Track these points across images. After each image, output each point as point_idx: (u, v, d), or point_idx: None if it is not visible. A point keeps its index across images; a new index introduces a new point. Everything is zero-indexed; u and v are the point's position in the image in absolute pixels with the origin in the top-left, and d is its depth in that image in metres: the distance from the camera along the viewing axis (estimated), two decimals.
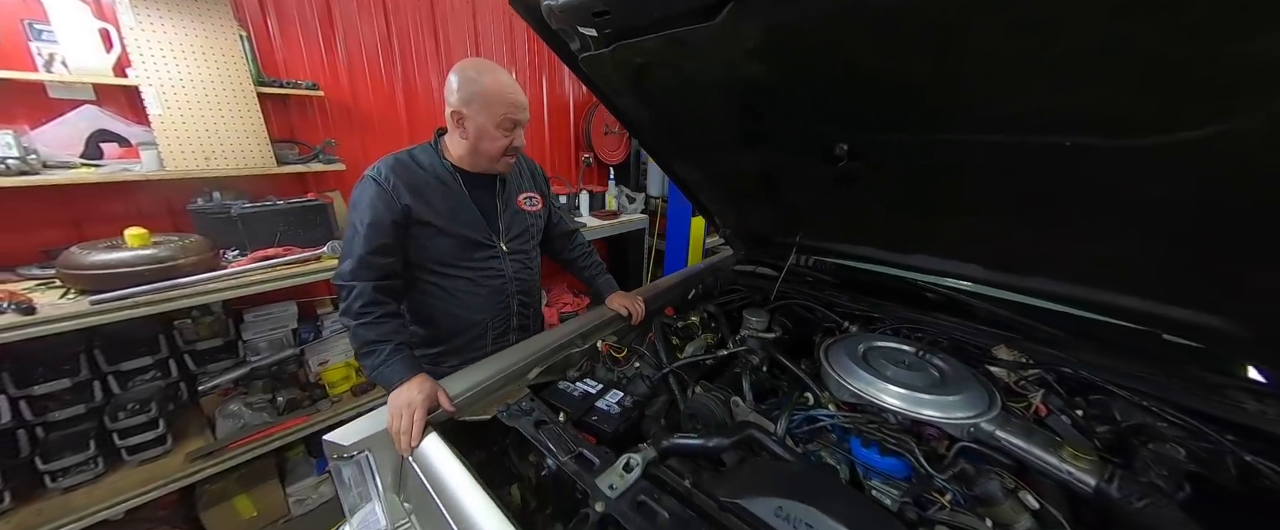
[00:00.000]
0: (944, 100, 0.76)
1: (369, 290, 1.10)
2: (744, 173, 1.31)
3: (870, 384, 1.06)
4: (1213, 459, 0.92)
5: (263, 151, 1.89)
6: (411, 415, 0.96)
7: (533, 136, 3.13)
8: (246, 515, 1.80)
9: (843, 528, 0.70)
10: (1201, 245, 0.84)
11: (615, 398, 1.15)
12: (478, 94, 1.13)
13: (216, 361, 1.82)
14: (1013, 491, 0.83)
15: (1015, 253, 1.17)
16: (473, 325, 1.34)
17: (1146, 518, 0.77)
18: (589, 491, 0.83)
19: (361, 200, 1.14)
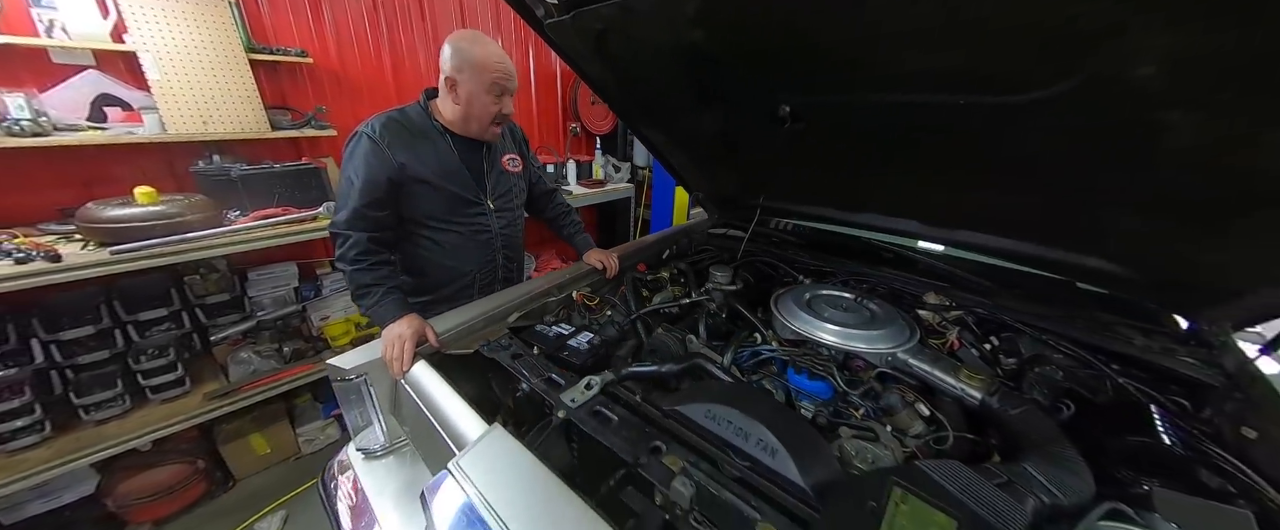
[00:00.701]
0: (858, 62, 0.87)
1: (363, 240, 1.22)
2: (704, 135, 1.42)
3: (809, 324, 1.21)
4: (1094, 381, 1.07)
5: (257, 116, 1.97)
6: (402, 346, 1.10)
7: (521, 107, 3.19)
8: (261, 452, 1.99)
9: (757, 421, 0.85)
10: (1081, 195, 0.96)
11: (586, 338, 1.29)
12: (469, 62, 1.22)
13: (225, 315, 1.96)
14: (910, 403, 0.98)
15: (941, 207, 1.29)
16: (461, 276, 1.47)
17: (1018, 421, 0.92)
18: (553, 404, 0.98)
19: (356, 155, 1.24)
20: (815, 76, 0.98)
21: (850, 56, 0.87)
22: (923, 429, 0.96)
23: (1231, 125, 0.64)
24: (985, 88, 0.79)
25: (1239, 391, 0.96)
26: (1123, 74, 0.64)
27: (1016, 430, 0.91)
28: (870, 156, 1.23)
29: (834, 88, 0.98)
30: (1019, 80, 0.75)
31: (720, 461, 0.81)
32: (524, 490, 0.70)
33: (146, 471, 1.70)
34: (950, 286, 1.39)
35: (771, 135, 1.28)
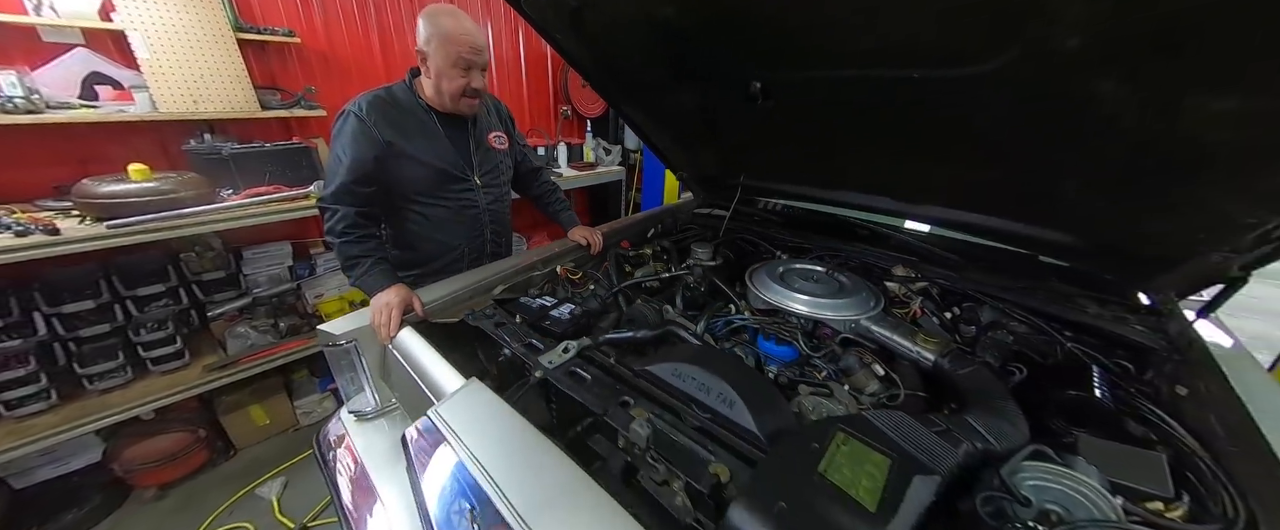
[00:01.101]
0: (817, 38, 0.90)
1: (351, 214, 1.27)
2: (683, 113, 1.45)
3: (781, 295, 1.27)
4: (1046, 346, 1.14)
5: (247, 96, 1.99)
6: (389, 312, 1.15)
7: (512, 89, 3.20)
8: (260, 423, 2.07)
9: (718, 377, 0.91)
10: (1033, 169, 1.01)
11: (568, 309, 1.34)
12: (436, 35, 1.24)
13: (222, 292, 2.02)
14: (867, 365, 1.05)
15: (910, 183, 1.34)
16: (450, 250, 1.52)
17: (965, 380, 0.98)
18: (531, 366, 1.04)
19: (344, 133, 1.28)
20: (780, 52, 1.01)
21: (809, 32, 0.90)
22: (878, 387, 1.02)
23: (1152, 94, 0.69)
24: (934, 61, 0.83)
25: (1178, 354, 1.02)
26: (1052, 45, 0.68)
27: (964, 387, 0.97)
28: (840, 133, 1.27)
29: (798, 63, 1.02)
30: (962, 53, 0.79)
31: (683, 413, 0.87)
32: (497, 434, 0.76)
33: (150, 439, 1.78)
34: (920, 261, 1.45)
35: (746, 112, 1.32)
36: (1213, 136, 0.69)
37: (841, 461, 0.71)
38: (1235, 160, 0.71)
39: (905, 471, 0.69)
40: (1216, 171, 0.75)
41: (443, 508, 0.68)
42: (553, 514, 0.60)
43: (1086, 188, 0.96)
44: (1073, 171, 0.93)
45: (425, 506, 0.69)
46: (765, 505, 0.62)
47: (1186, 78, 0.64)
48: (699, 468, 0.72)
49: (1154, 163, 0.80)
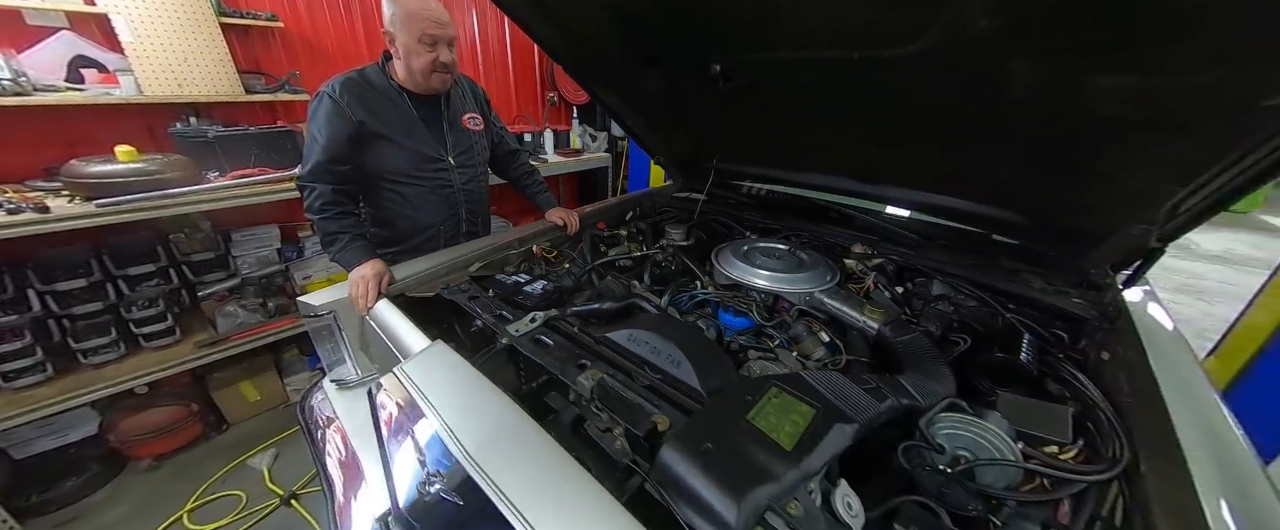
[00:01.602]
0: (761, 19, 0.95)
1: (328, 192, 1.32)
2: (653, 96, 1.50)
3: (743, 271, 1.33)
4: (989, 317, 1.20)
5: (231, 80, 2.03)
6: (366, 285, 1.21)
7: (498, 76, 3.22)
8: (251, 399, 2.14)
9: (669, 341, 0.97)
10: (971, 147, 1.06)
11: (540, 285, 1.39)
12: (400, 14, 1.28)
13: (212, 273, 2.07)
14: (814, 333, 1.11)
15: (867, 163, 1.39)
16: (426, 228, 1.57)
17: (904, 346, 1.05)
18: (497, 333, 1.11)
19: (319, 114, 1.32)
20: (733, 35, 1.06)
21: (755, 14, 0.95)
22: (824, 353, 1.09)
23: (1056, 73, 0.74)
24: (869, 42, 0.88)
25: (1108, 323, 1.09)
26: (966, 27, 0.73)
27: (902, 353, 1.04)
28: (798, 114, 1.32)
29: (749, 45, 1.07)
30: (892, 34, 0.84)
31: (635, 373, 0.94)
32: (457, 389, 0.82)
33: (144, 412, 1.84)
34: (881, 240, 1.51)
35: (710, 95, 1.36)
36: (1113, 112, 0.75)
37: (770, 411, 0.77)
38: (1134, 135, 0.76)
39: (828, 420, 0.75)
40: (1120, 146, 0.80)
41: (403, 453, 0.75)
42: (499, 453, 0.66)
43: (1017, 165, 1.02)
44: (1001, 149, 0.99)
45: (386, 452, 0.76)
46: (693, 446, 0.69)
47: (1083, 57, 0.70)
48: (640, 417, 0.79)
49: (1067, 139, 0.86)
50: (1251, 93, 0.60)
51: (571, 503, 0.59)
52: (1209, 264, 4.83)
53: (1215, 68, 0.60)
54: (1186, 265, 4.83)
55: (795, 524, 0.62)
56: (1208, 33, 0.57)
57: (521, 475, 0.62)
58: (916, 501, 0.70)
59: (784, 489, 0.65)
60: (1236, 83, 0.60)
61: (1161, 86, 0.67)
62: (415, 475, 0.67)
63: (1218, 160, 0.73)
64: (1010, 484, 0.77)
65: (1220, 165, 0.74)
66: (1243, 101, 0.62)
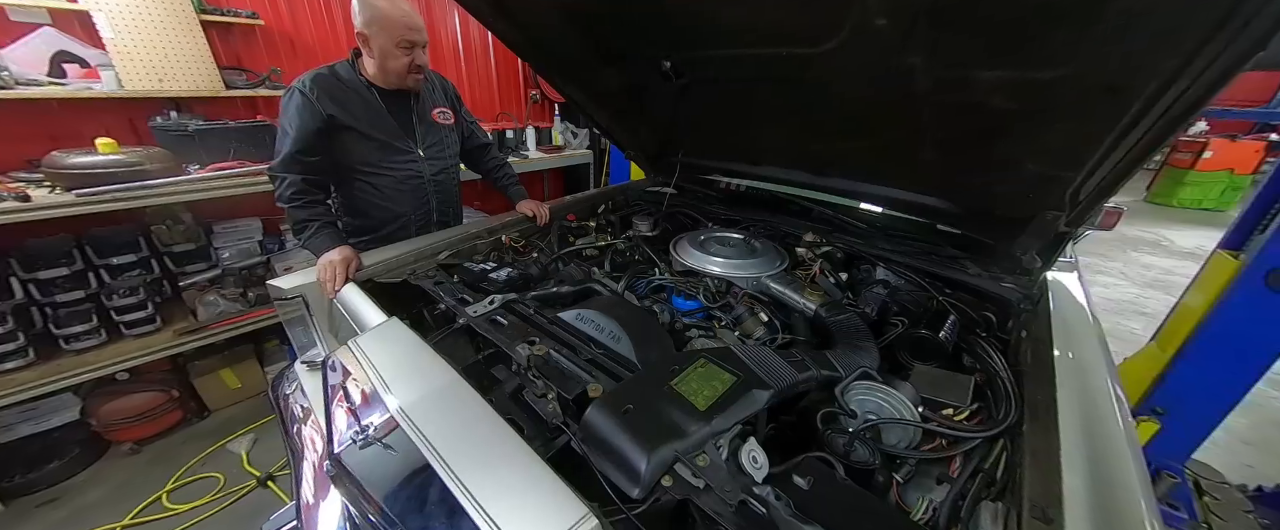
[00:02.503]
0: (696, 18, 1.02)
1: (298, 181, 1.38)
2: (614, 92, 1.56)
3: (698, 258, 1.40)
4: (925, 299, 1.28)
5: (211, 76, 2.07)
6: (334, 269, 1.26)
7: (480, 74, 3.28)
8: (232, 386, 2.19)
9: (612, 319, 1.04)
10: (898, 140, 1.13)
11: (506, 271, 1.46)
12: (377, 18, 1.34)
13: (193, 264, 2.12)
14: (754, 313, 1.18)
15: (818, 156, 1.47)
16: (396, 217, 1.63)
17: (838, 325, 1.12)
18: (457, 313, 1.17)
19: (290, 107, 1.38)
20: (675, 33, 1.12)
21: (690, 13, 1.02)
22: (763, 332, 1.16)
23: (948, 68, 0.81)
24: (793, 41, 0.95)
25: (1030, 304, 1.17)
26: (869, 25, 0.81)
27: (835, 331, 1.11)
28: (747, 109, 1.39)
29: (692, 43, 1.13)
30: (812, 33, 0.91)
31: (579, 348, 1.00)
32: (404, 358, 0.88)
33: (125, 397, 1.89)
34: (834, 230, 1.58)
35: (666, 91, 1.43)
36: (1001, 104, 0.82)
37: (693, 379, 0.84)
38: (1023, 124, 0.84)
39: (746, 386, 0.82)
40: (1015, 135, 0.88)
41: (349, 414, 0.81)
42: (432, 411, 0.73)
43: (937, 156, 1.09)
44: (921, 141, 1.06)
45: (330, 410, 0.82)
46: (616, 407, 0.76)
47: (966, 53, 0.77)
48: (572, 384, 0.86)
49: (972, 130, 0.93)
50: (1102, 81, 0.67)
51: (493, 454, 0.66)
52: (1181, 260, 4.94)
53: (1068, 61, 0.67)
54: (1161, 262, 4.95)
55: (700, 473, 0.68)
56: (1056, 30, 0.64)
57: (450, 430, 0.68)
58: (817, 456, 0.76)
59: (693, 444, 0.72)
60: (1088, 74, 0.67)
61: (1033, 79, 0.74)
62: (353, 429, 0.73)
63: (1095, 146, 0.80)
64: (911, 443, 0.84)
65: (1100, 151, 0.81)
66: (1097, 89, 0.69)
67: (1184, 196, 6.89)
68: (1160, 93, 0.65)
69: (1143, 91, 0.66)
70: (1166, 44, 0.58)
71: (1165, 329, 1.85)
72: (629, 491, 0.67)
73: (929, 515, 0.73)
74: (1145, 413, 1.76)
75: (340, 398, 0.85)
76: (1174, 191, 6.92)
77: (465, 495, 0.57)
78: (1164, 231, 5.87)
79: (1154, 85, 0.64)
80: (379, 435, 0.69)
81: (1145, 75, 0.63)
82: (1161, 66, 0.62)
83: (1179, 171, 6.83)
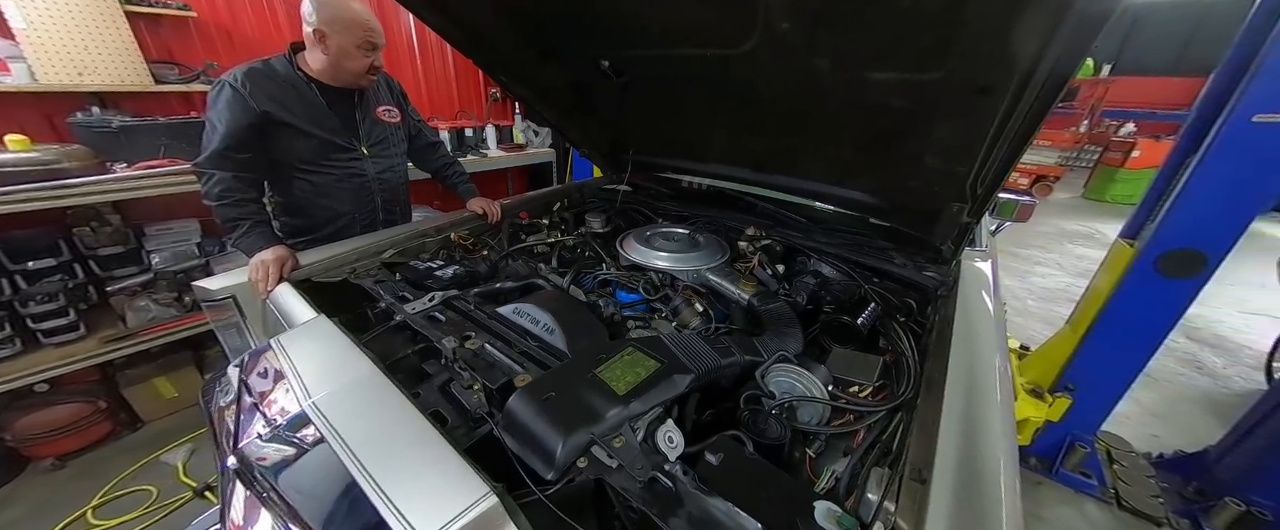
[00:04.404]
0: (627, 19, 1.05)
1: (228, 178, 1.33)
2: (558, 89, 1.58)
3: (643, 254, 1.44)
4: (854, 288, 1.35)
5: (138, 70, 1.97)
6: (266, 269, 1.23)
7: (438, 71, 3.22)
8: (168, 396, 2.08)
9: (546, 312, 1.06)
10: (821, 137, 1.20)
11: (451, 269, 1.45)
12: (338, 18, 1.31)
13: (123, 268, 2.00)
14: (690, 304, 1.23)
15: (757, 154, 1.53)
16: (339, 216, 1.59)
17: (768, 314, 1.17)
18: (396, 312, 1.16)
19: (219, 101, 1.33)
20: (607, 32, 1.15)
21: (616, 13, 1.05)
22: (698, 322, 1.21)
23: (848, 70, 0.87)
24: (713, 42, 0.99)
25: (945, 291, 1.26)
26: (775, 29, 0.86)
27: (765, 319, 1.17)
28: (686, 108, 1.43)
29: (625, 43, 1.17)
30: (727, 35, 0.95)
31: (513, 341, 1.02)
32: (326, 355, 0.88)
33: (45, 410, 1.77)
34: (775, 224, 1.65)
35: (608, 88, 1.46)
36: (896, 103, 0.89)
37: (618, 366, 0.87)
38: (916, 122, 0.91)
39: (668, 372, 0.86)
40: (912, 133, 0.95)
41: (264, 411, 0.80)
42: (347, 405, 0.73)
43: (852, 152, 1.16)
44: (837, 136, 1.13)
45: (241, 404, 0.81)
46: (536, 395, 0.78)
47: (860, 56, 0.83)
48: (499, 374, 0.88)
49: (876, 127, 1.00)
50: (974, 82, 0.74)
51: (402, 443, 0.67)
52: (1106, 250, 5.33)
53: (943, 64, 0.74)
54: (1093, 253, 5.32)
55: (614, 454, 0.72)
56: (928, 35, 0.71)
57: (361, 422, 0.69)
58: (731, 435, 0.81)
59: (610, 427, 0.75)
60: (961, 74, 0.74)
61: (918, 80, 0.81)
62: (265, 425, 0.73)
63: (978, 141, 0.88)
64: (822, 420, 0.90)
65: (984, 146, 0.89)
66: (971, 89, 0.76)
67: (1115, 192, 7.44)
68: (1021, 90, 0.72)
69: (1006, 90, 0.73)
70: (1017, 46, 0.65)
71: (1076, 312, 2.02)
72: (544, 474, 0.69)
73: (831, 485, 0.79)
74: (1060, 389, 1.91)
75: (256, 395, 0.84)
76: (1107, 188, 7.46)
77: (368, 481, 0.58)
78: (1097, 225, 6.33)
79: (1015, 83, 0.72)
80: (290, 431, 0.69)
81: (1006, 75, 0.70)
82: (1017, 67, 0.69)
83: (1111, 169, 7.37)
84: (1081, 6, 0.53)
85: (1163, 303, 1.61)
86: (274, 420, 0.69)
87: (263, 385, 0.83)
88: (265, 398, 0.80)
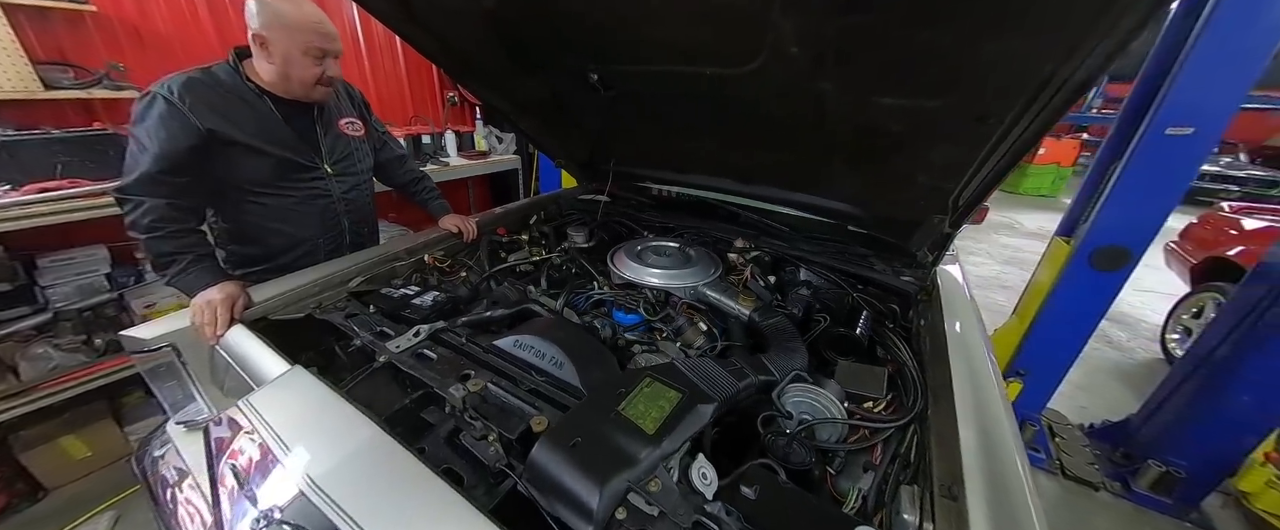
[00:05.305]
0: (626, 34, 1.02)
1: (161, 206, 1.14)
2: (539, 100, 1.51)
3: (636, 270, 1.40)
4: (841, 296, 1.39)
5: (20, 73, 1.65)
6: (213, 310, 1.06)
7: (389, 73, 2.99)
8: (78, 456, 1.77)
9: (552, 343, 1.00)
10: (813, 152, 1.23)
11: (431, 296, 1.33)
12: (277, 22, 1.15)
13: (11, 309, 1.68)
14: (694, 323, 1.21)
15: (742, 166, 1.54)
16: (301, 242, 1.42)
17: (769, 328, 1.18)
18: (376, 351, 1.05)
19: (149, 117, 1.13)
20: (603, 47, 1.11)
21: (618, 30, 1.01)
22: (703, 341, 1.20)
23: (852, 93, 0.89)
24: (715, 62, 0.98)
25: (925, 296, 1.33)
26: (784, 52, 0.86)
27: (768, 334, 1.17)
28: (677, 121, 1.42)
29: (621, 58, 1.13)
30: (734, 56, 0.94)
31: (519, 378, 0.95)
32: (312, 415, 0.77)
33: None
34: (759, 234, 1.67)
35: (595, 101, 1.41)
36: (895, 126, 0.92)
37: (640, 401, 0.83)
38: (912, 143, 0.95)
39: (691, 402, 0.83)
40: (906, 152, 0.99)
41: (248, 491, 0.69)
42: (351, 477, 0.64)
43: (846, 167, 1.20)
44: (833, 154, 1.16)
45: (217, 490, 0.70)
46: (562, 442, 0.73)
47: (867, 82, 0.85)
48: (515, 421, 0.81)
49: (871, 146, 1.03)
50: (971, 112, 0.78)
51: (425, 515, 0.60)
52: (1028, 239, 5.98)
53: (948, 93, 0.77)
54: (1014, 241, 5.94)
55: (653, 500, 0.68)
56: (939, 67, 0.74)
57: (374, 497, 0.61)
58: (762, 464, 0.80)
59: (645, 470, 0.71)
60: (963, 105, 0.78)
61: (922, 106, 0.84)
62: (255, 513, 0.62)
63: (969, 163, 0.93)
64: (840, 437, 0.91)
65: (972, 168, 0.94)
66: (970, 117, 0.80)
67: (1027, 185, 8.36)
68: (1015, 122, 0.77)
69: (1004, 118, 0.78)
70: (1019, 84, 0.69)
71: (1021, 304, 2.23)
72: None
73: (859, 504, 0.80)
74: (1011, 375, 2.11)
75: (233, 473, 0.72)
76: (1020, 181, 8.36)
77: None
78: (1015, 215, 7.08)
79: (1012, 114, 0.76)
80: (287, 516, 0.60)
81: (1006, 106, 0.75)
82: (1013, 102, 0.73)
83: (1023, 165, 8.28)
84: (1095, 49, 0.57)
85: (1095, 293, 1.82)
86: (268, 513, 0.59)
87: (237, 461, 0.71)
88: (247, 474, 0.69)
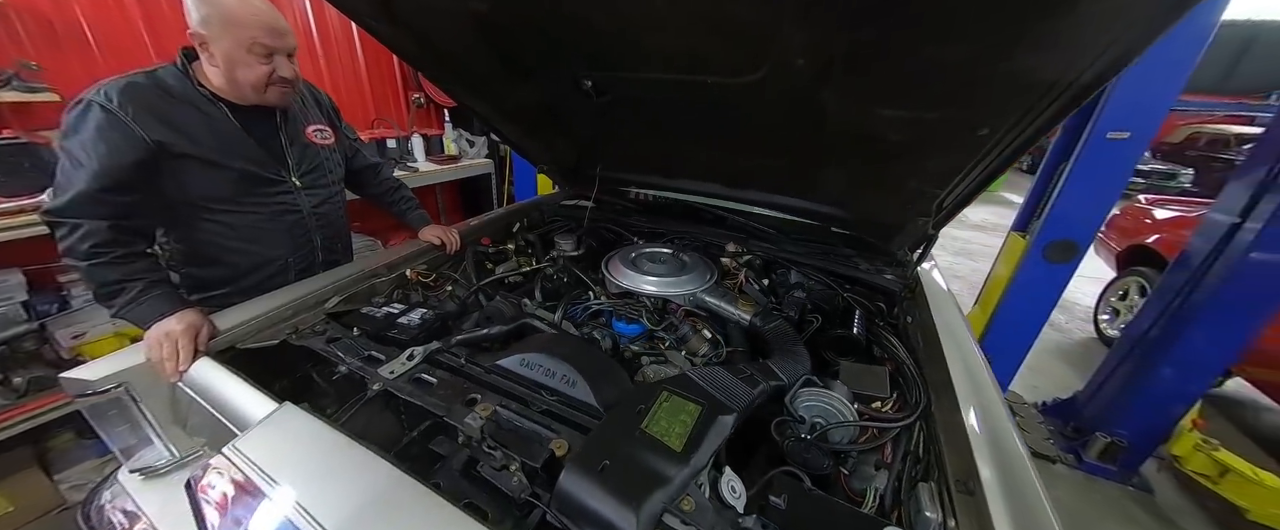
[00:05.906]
0: (624, 42, 1.00)
1: (102, 228, 1.00)
2: (526, 106, 1.46)
3: (633, 278, 1.38)
4: (832, 297, 1.43)
5: None
6: (174, 343, 0.95)
7: (349, 72, 2.80)
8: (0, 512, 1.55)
9: (561, 360, 0.97)
10: (806, 157, 1.27)
11: (418, 314, 1.25)
12: (216, 16, 1.03)
13: None
14: (698, 331, 1.21)
15: (732, 171, 1.56)
16: (269, 262, 1.30)
17: (771, 333, 1.19)
18: (368, 378, 0.98)
19: (84, 129, 0.99)
20: (599, 54, 1.09)
21: (617, 37, 0.99)
22: (708, 349, 1.20)
23: (854, 103, 0.92)
24: (716, 71, 0.98)
25: (910, 294, 1.39)
26: (788, 64, 0.87)
27: (769, 339, 1.19)
28: (669, 128, 1.42)
29: (617, 65, 1.11)
30: (734, 66, 0.95)
31: (530, 400, 0.92)
32: (312, 460, 0.71)
33: None
34: (748, 237, 1.70)
35: (586, 107, 1.38)
36: (894, 136, 0.96)
37: (662, 416, 0.82)
38: (909, 152, 0.99)
39: (712, 414, 0.83)
40: (902, 159, 1.03)
41: None
42: (369, 524, 0.59)
43: (839, 173, 1.24)
44: (826, 159, 1.19)
45: None
46: (590, 466, 0.70)
47: (869, 94, 0.87)
48: (536, 447, 0.78)
49: (868, 153, 1.07)
50: (970, 124, 0.83)
51: None
52: (974, 231, 6.44)
53: (949, 106, 0.81)
54: (961, 233, 6.39)
55: (688, 520, 0.67)
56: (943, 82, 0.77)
57: None
58: (785, 471, 0.81)
59: (677, 489, 0.70)
60: (963, 117, 0.82)
61: (922, 118, 0.88)
62: None
63: (960, 170, 0.98)
64: (852, 439, 0.94)
65: (962, 174, 1.00)
66: (966, 129, 0.85)
67: None
68: (1006, 133, 0.82)
69: (997, 131, 0.82)
70: (1020, 99, 0.73)
71: (982, 295, 2.40)
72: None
73: (877, 503, 0.82)
74: None
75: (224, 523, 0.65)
76: None
77: None
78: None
79: (1003, 129, 0.81)
80: None
81: (1002, 120, 0.79)
82: (1010, 116, 0.78)
83: None
84: (1097, 68, 0.61)
85: (1049, 283, 1.98)
86: None
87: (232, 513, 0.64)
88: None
